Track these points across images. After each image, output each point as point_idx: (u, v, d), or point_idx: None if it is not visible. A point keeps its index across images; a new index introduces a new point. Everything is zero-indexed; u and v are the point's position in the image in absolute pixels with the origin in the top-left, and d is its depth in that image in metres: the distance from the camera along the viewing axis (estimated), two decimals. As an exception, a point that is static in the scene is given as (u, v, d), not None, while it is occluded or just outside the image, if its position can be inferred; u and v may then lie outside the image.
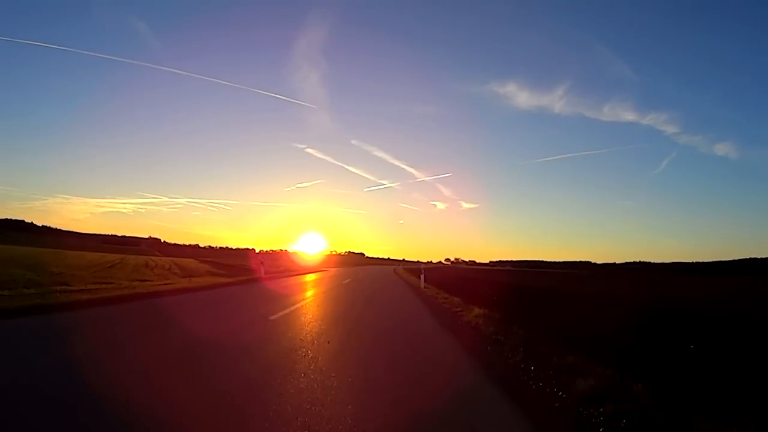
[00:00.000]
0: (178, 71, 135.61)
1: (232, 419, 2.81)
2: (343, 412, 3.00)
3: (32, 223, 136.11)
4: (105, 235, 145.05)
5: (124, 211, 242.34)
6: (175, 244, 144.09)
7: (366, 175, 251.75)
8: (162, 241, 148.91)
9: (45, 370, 3.76)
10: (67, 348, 4.70)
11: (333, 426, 2.74)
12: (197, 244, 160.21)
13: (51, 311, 7.21)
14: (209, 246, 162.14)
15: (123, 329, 6.17)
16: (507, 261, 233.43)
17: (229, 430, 2.67)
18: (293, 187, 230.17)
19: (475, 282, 24.12)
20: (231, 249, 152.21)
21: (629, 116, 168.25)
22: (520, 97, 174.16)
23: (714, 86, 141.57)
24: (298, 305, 10.06)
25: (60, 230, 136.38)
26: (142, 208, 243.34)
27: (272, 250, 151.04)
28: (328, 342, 5.57)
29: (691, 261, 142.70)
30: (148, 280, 15.54)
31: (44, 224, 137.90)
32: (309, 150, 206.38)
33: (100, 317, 7.09)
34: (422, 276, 20.33)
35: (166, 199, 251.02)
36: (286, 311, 8.78)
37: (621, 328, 7.61)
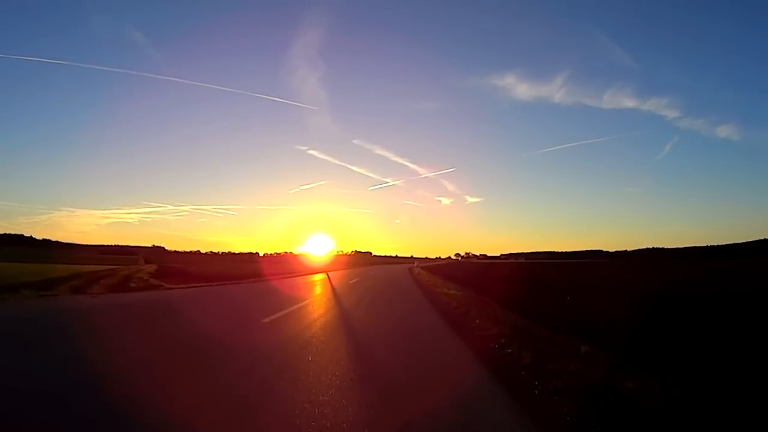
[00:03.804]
0: (176, 79, 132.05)
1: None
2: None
3: (31, 236, 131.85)
4: (106, 246, 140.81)
5: (130, 221, 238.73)
6: (175, 251, 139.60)
7: (369, 174, 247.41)
8: (165, 249, 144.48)
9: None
10: None
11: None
12: (198, 251, 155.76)
13: None
14: (211, 252, 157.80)
15: None
16: (519, 253, 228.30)
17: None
18: (297, 189, 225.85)
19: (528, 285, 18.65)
20: (234, 254, 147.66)
21: (630, 103, 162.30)
22: (520, 88, 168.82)
23: (714, 68, 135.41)
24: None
25: (60, 243, 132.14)
26: (147, 218, 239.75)
27: (277, 253, 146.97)
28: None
29: (703, 245, 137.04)
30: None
31: (44, 237, 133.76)
32: (311, 151, 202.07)
33: None
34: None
35: (171, 207, 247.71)
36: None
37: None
